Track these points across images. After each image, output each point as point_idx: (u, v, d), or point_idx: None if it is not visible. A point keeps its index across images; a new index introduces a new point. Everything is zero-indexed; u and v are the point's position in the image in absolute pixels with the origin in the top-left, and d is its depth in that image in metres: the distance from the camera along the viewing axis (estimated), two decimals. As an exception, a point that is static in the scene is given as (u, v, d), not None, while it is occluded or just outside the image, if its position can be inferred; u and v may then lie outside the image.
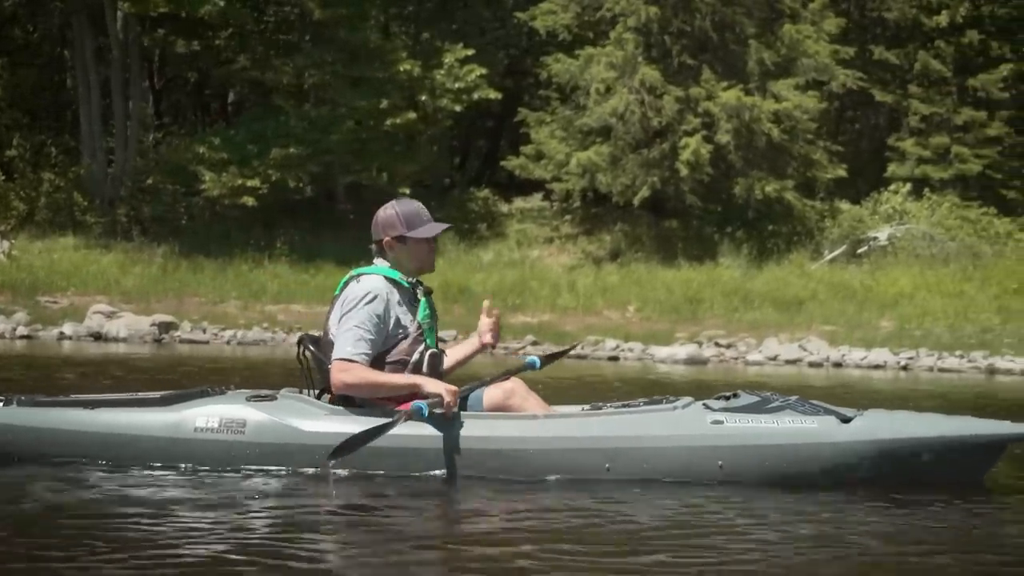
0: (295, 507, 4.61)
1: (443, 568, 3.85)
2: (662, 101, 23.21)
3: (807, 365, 17.54)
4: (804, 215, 24.19)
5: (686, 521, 4.52)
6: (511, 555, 3.95)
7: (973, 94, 26.77)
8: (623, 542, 4.16)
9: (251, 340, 18.37)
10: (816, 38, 24.96)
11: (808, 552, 4.14)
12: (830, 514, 4.76)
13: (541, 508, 4.74)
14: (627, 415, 5.25)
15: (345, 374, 5.03)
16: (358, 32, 23.43)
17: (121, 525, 4.18)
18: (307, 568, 3.71)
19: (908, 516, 4.79)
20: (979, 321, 20.19)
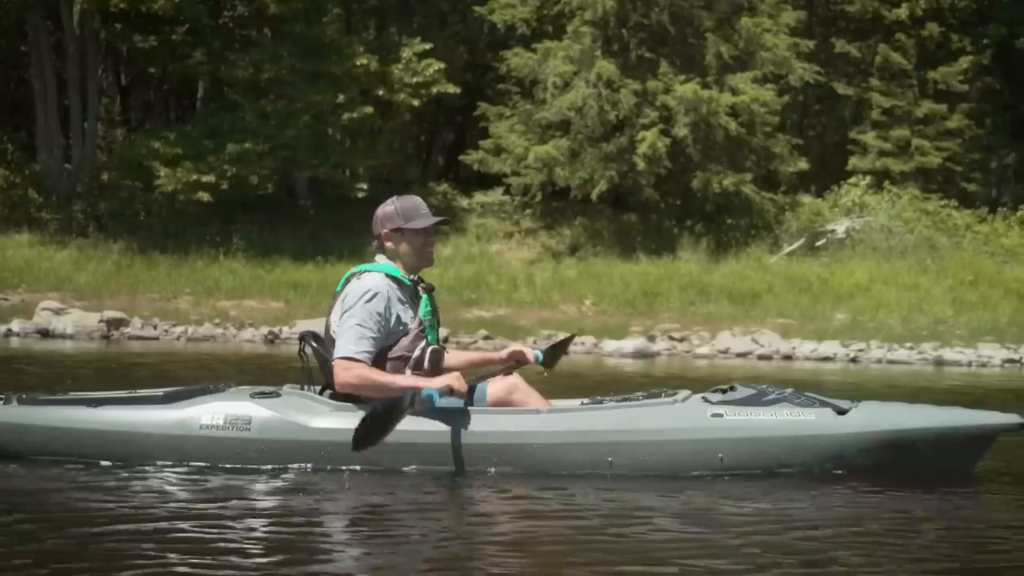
0: (300, 504, 4.61)
1: (446, 563, 3.83)
2: (619, 95, 23.17)
3: (756, 358, 17.54)
4: (763, 208, 24.20)
5: (685, 513, 4.57)
6: (515, 551, 3.96)
7: (934, 87, 26.84)
8: (628, 537, 4.18)
9: (201, 336, 18.27)
10: (776, 31, 24.98)
11: (806, 541, 4.19)
12: (825, 503, 4.85)
13: (544, 502, 4.76)
14: (628, 409, 5.30)
15: (347, 373, 5.07)
16: (315, 26, 23.31)
17: (125, 523, 4.18)
18: (313, 564, 3.71)
19: (901, 505, 4.86)
20: (932, 313, 20.25)
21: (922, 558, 4.02)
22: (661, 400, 5.35)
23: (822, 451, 5.20)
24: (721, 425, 5.19)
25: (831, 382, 13.12)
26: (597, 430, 5.18)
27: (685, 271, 22.60)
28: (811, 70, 24.64)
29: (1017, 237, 24.90)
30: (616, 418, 5.24)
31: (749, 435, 5.18)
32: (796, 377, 13.64)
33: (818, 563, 3.90)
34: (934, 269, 22.45)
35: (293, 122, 22.81)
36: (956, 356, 17.43)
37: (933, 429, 5.29)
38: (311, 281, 21.37)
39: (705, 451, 5.17)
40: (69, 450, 5.20)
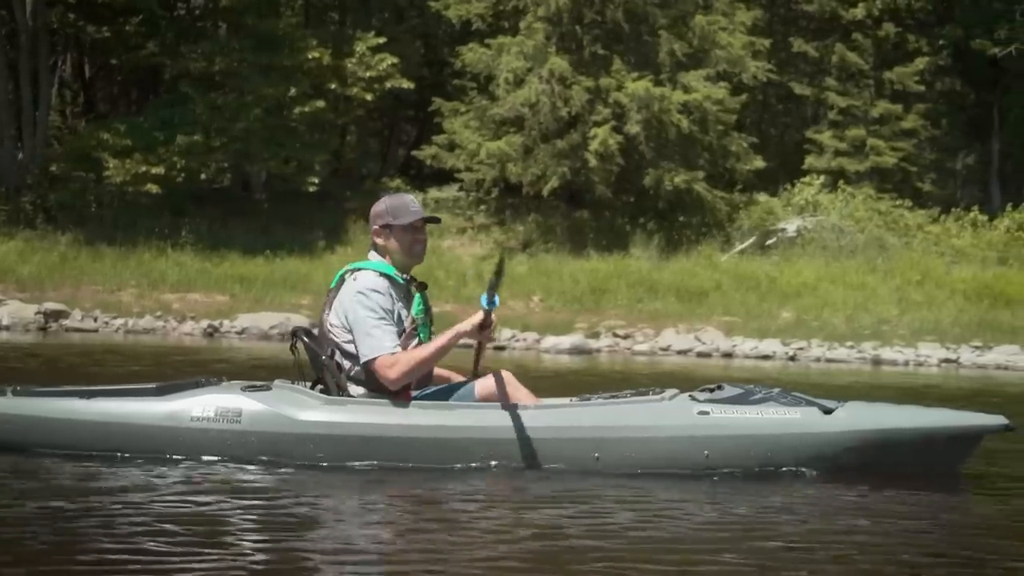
0: (289, 497, 4.64)
1: (433, 558, 3.83)
2: (571, 91, 23.15)
3: (696, 355, 17.56)
4: (714, 207, 24.21)
5: (670, 512, 4.59)
6: (502, 546, 3.97)
7: (890, 87, 26.90)
8: (614, 534, 4.20)
9: (142, 328, 18.21)
10: (732, 30, 25.01)
11: (790, 540, 4.20)
12: (811, 503, 4.87)
13: (532, 498, 4.80)
14: (616, 406, 5.35)
15: (394, 369, 5.13)
16: (268, 19, 23.21)
17: (117, 514, 4.20)
18: (300, 557, 3.73)
19: (886, 505, 4.89)
20: (877, 313, 20.29)
21: (905, 558, 4.03)
22: (648, 398, 5.40)
23: (807, 450, 5.25)
24: (707, 423, 5.24)
25: (784, 380, 13.13)
26: (584, 426, 5.25)
27: (635, 268, 22.60)
28: (763, 68, 24.65)
29: (970, 238, 25.00)
30: (603, 415, 5.30)
31: (735, 433, 5.23)
32: (735, 374, 13.70)
33: (800, 562, 3.91)
34: (883, 269, 22.50)
35: (244, 115, 22.72)
36: (894, 356, 17.49)
37: (919, 429, 5.33)
38: (258, 275, 21.29)
39: (691, 448, 5.21)
40: (63, 442, 5.27)
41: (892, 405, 5.81)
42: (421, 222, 5.40)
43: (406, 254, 5.36)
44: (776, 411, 5.29)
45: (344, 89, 23.71)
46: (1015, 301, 20.92)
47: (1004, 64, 27.30)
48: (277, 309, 19.17)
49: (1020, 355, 17.49)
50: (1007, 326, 19.21)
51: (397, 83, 24.32)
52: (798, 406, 5.32)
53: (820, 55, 27.66)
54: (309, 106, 23.01)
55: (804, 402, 5.36)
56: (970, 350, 17.84)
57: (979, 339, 18.47)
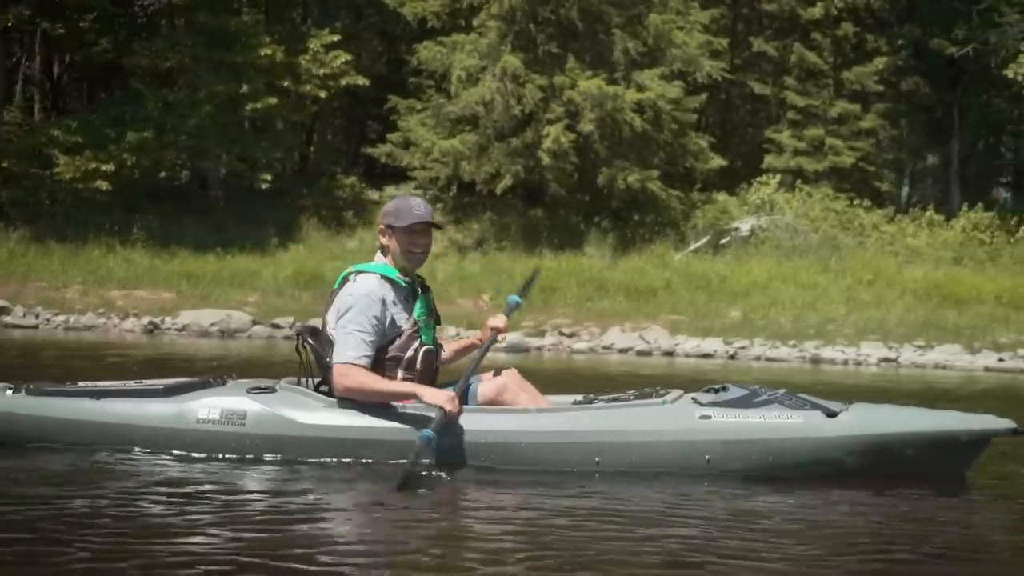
0: (291, 498, 4.69)
1: (435, 560, 3.85)
2: (524, 89, 23.11)
3: (636, 353, 17.54)
4: (669, 206, 24.19)
5: (671, 515, 4.58)
6: (504, 549, 4.00)
7: (849, 87, 26.91)
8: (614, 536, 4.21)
9: (83, 325, 18.14)
10: (690, 29, 25.00)
11: (792, 545, 4.17)
12: (815, 508, 4.84)
13: (534, 501, 4.82)
14: (617, 409, 5.34)
15: (346, 379, 5.18)
16: (220, 16, 23.14)
17: (123, 514, 4.26)
18: (304, 560, 3.74)
19: (892, 509, 4.86)
20: (825, 312, 20.28)
21: (909, 562, 4.02)
22: (650, 401, 5.38)
23: (810, 454, 5.20)
24: (708, 427, 5.21)
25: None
26: (585, 430, 5.23)
27: (587, 267, 22.57)
28: (718, 67, 24.64)
29: (926, 238, 25.03)
30: (604, 418, 5.28)
31: (736, 437, 5.19)
32: (678, 372, 13.71)
33: (803, 566, 3.89)
34: (835, 268, 22.51)
35: (196, 112, 22.64)
36: (834, 354, 17.47)
37: (924, 433, 5.28)
38: (207, 272, 21.22)
39: (691, 452, 5.19)
40: (72, 440, 5.36)
41: (898, 408, 5.78)
42: (421, 226, 5.40)
43: (405, 256, 5.39)
44: (780, 414, 5.24)
45: (298, 86, 23.63)
46: (963, 301, 20.94)
47: (962, 64, 27.34)
48: (223, 306, 19.10)
49: (960, 354, 17.49)
50: (952, 326, 19.21)
51: (352, 80, 24.26)
52: (802, 409, 5.27)
53: (780, 55, 27.67)
54: (262, 103, 22.93)
55: (809, 405, 5.31)
56: (912, 349, 17.83)
57: (923, 338, 18.45)
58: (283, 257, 22.50)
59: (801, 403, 5.32)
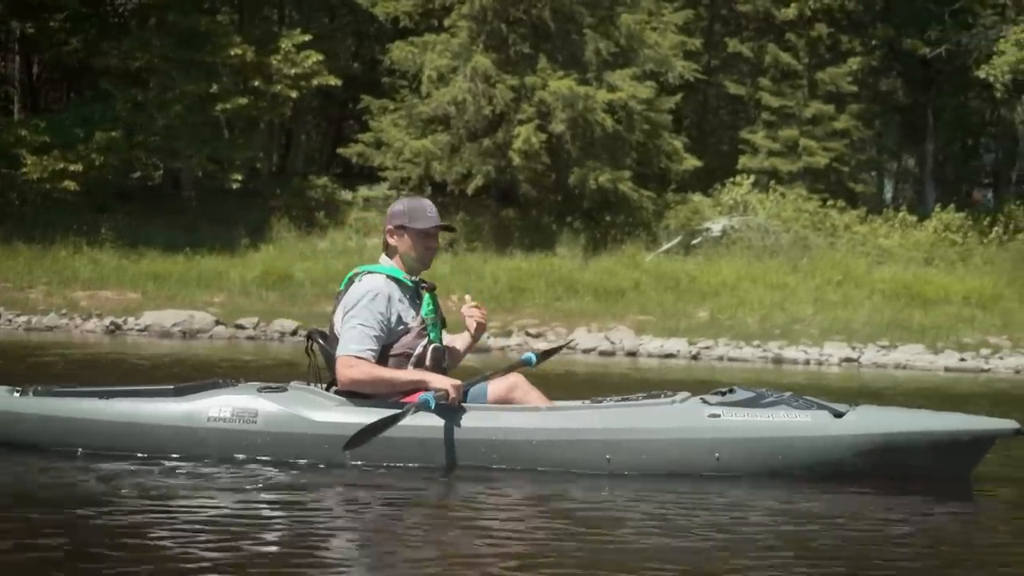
0: (304, 497, 4.72)
1: (445, 559, 3.85)
2: (495, 90, 23.07)
3: (599, 354, 17.52)
4: (640, 206, 24.15)
5: (681, 514, 4.62)
6: (514, 548, 4.00)
7: (823, 88, 26.88)
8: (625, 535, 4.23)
9: (44, 326, 18.09)
10: (664, 30, 24.97)
11: (797, 545, 4.18)
12: (821, 506, 4.88)
13: (545, 499, 4.86)
14: (627, 408, 5.38)
15: (351, 370, 5.22)
16: (191, 15, 23.09)
17: (135, 512, 4.27)
18: (314, 557, 3.76)
19: (897, 509, 4.90)
20: (793, 312, 20.27)
21: (913, 562, 4.02)
22: (660, 400, 5.43)
23: (817, 454, 5.24)
24: (718, 426, 5.26)
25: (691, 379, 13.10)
26: (596, 428, 5.28)
27: (558, 267, 22.53)
28: (690, 68, 24.61)
29: (898, 238, 25.01)
30: (614, 417, 5.32)
31: (745, 436, 5.23)
32: (641, 372, 13.72)
33: (806, 565, 3.89)
34: (804, 269, 22.48)
35: (165, 112, 22.59)
36: (796, 354, 17.48)
37: (930, 433, 5.32)
38: (174, 272, 21.15)
39: (702, 451, 5.23)
40: (82, 441, 5.37)
41: (903, 409, 5.83)
42: (435, 229, 5.47)
43: (417, 258, 5.43)
44: (787, 414, 5.28)
45: (269, 86, 23.58)
46: (931, 301, 20.93)
47: (936, 65, 27.34)
48: (188, 307, 19.05)
49: (923, 354, 17.50)
50: (916, 326, 19.20)
51: (325, 81, 24.22)
52: (809, 409, 5.32)
53: (755, 55, 27.64)
54: (232, 103, 22.88)
55: (815, 405, 5.36)
56: (875, 349, 17.83)
57: (887, 338, 18.46)
58: (253, 258, 22.44)
59: (808, 404, 5.38)
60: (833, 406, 5.36)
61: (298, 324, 18.44)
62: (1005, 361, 17.23)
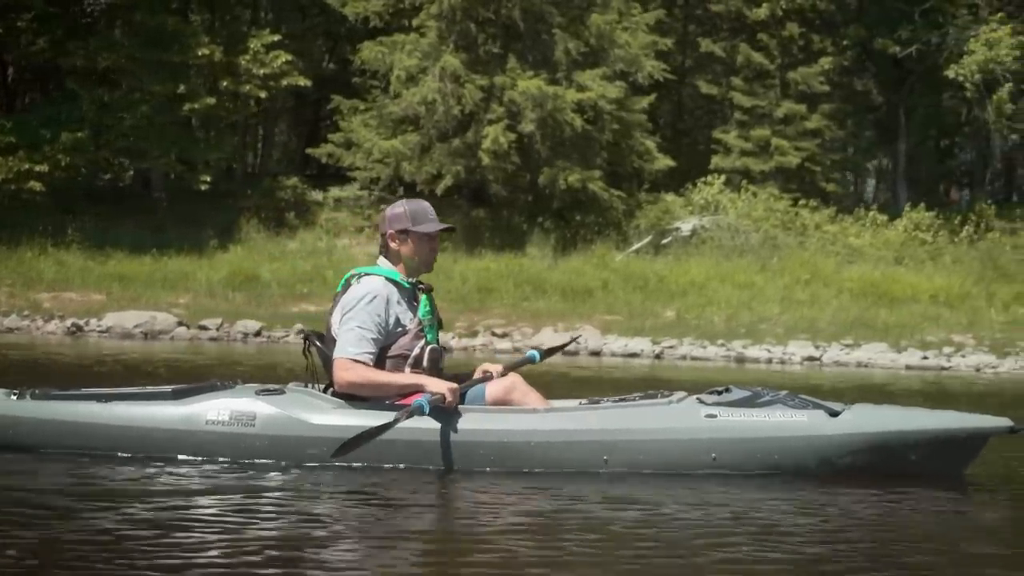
0: (301, 499, 4.73)
1: (445, 561, 3.86)
2: (464, 90, 23.03)
3: (561, 354, 17.43)
4: (611, 206, 24.13)
5: (678, 513, 4.66)
6: (512, 550, 3.99)
7: (795, 88, 26.89)
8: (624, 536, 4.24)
9: (6, 327, 18.00)
10: (635, 29, 24.95)
11: (793, 544, 4.18)
12: (817, 505, 4.90)
13: (544, 500, 4.85)
14: (624, 409, 5.40)
15: (348, 373, 5.20)
16: (158, 16, 23.01)
17: (131, 516, 4.29)
18: (312, 560, 3.78)
19: (892, 507, 4.92)
20: (760, 311, 20.27)
21: (908, 560, 4.02)
22: (656, 401, 5.45)
23: (814, 452, 5.28)
24: (714, 425, 5.29)
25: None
26: (593, 429, 5.29)
27: (527, 267, 22.50)
28: (659, 68, 24.59)
29: (869, 237, 25.03)
30: (612, 418, 5.34)
31: (742, 436, 5.27)
32: (605, 371, 13.72)
33: (802, 564, 3.90)
34: (774, 268, 22.48)
35: (132, 112, 22.50)
36: (759, 353, 17.46)
37: (924, 432, 5.36)
38: (140, 273, 21.08)
39: (698, 451, 5.27)
40: (80, 444, 5.35)
41: (898, 408, 5.87)
42: (440, 232, 5.49)
43: (419, 261, 5.43)
44: (783, 414, 5.32)
45: (238, 86, 23.51)
46: (898, 300, 20.96)
47: (908, 65, 27.38)
48: (153, 308, 18.97)
49: (886, 352, 17.50)
50: (881, 324, 19.22)
51: (294, 81, 24.16)
52: (805, 409, 5.36)
53: (727, 55, 27.65)
54: (200, 103, 22.81)
55: (811, 405, 5.39)
56: (839, 348, 17.83)
57: (851, 337, 18.47)
58: (221, 259, 22.36)
59: (804, 403, 5.42)
60: (829, 405, 5.41)
61: (262, 325, 18.40)
62: (967, 359, 17.24)
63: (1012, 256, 24.39)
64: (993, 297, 21.65)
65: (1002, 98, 26.11)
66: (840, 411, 5.35)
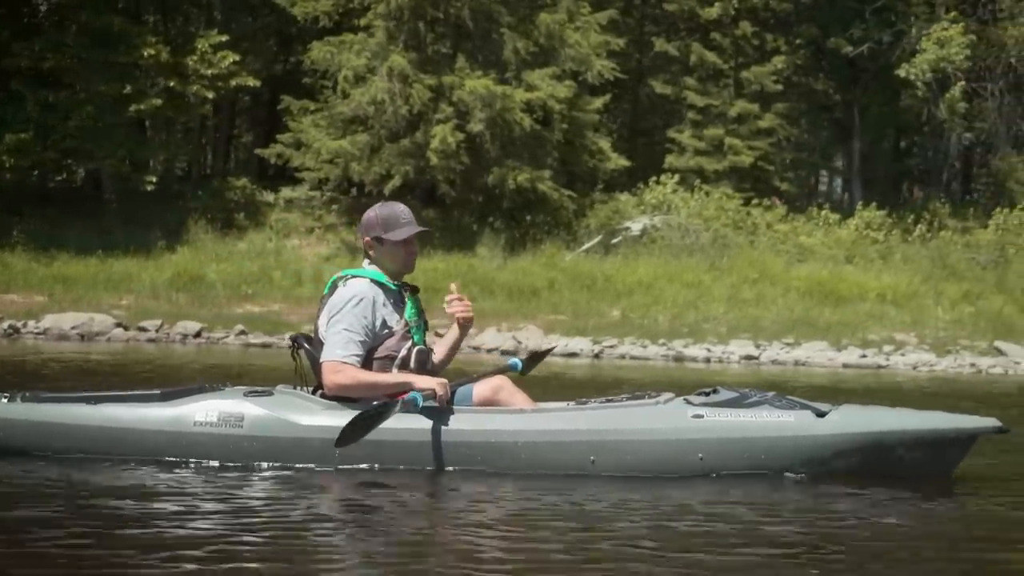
0: (289, 500, 4.74)
1: (429, 561, 3.86)
2: (412, 90, 22.96)
3: (500, 353, 17.42)
4: (561, 206, 24.09)
5: (665, 513, 4.66)
6: (501, 548, 4.02)
7: (748, 87, 26.91)
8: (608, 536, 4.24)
9: (-65, 329, 17.85)
10: (587, 29, 24.91)
11: (781, 543, 4.19)
12: (804, 506, 4.91)
13: (530, 501, 4.87)
14: (611, 410, 5.41)
15: (336, 375, 5.24)
16: (104, 16, 22.87)
17: (121, 517, 4.30)
18: (299, 561, 3.77)
19: (880, 507, 4.92)
20: (705, 310, 20.26)
21: (897, 561, 4.02)
22: (643, 402, 5.46)
23: (801, 453, 5.28)
24: (701, 426, 5.29)
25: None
26: (580, 430, 5.31)
27: (476, 267, 22.43)
28: (608, 67, 24.55)
29: (822, 236, 25.07)
30: (598, 418, 5.35)
31: (729, 436, 5.27)
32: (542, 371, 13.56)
33: (790, 566, 3.89)
34: (722, 267, 22.47)
35: (77, 113, 22.36)
36: (698, 352, 17.45)
37: (912, 432, 5.36)
38: (84, 275, 20.93)
39: (685, 451, 5.27)
40: (69, 446, 5.40)
41: (886, 408, 5.88)
42: (412, 238, 5.50)
43: (398, 266, 5.48)
44: (770, 414, 5.31)
45: (185, 87, 23.38)
46: (845, 299, 20.99)
47: (861, 64, 27.44)
48: (95, 309, 18.83)
49: (825, 351, 17.53)
50: (823, 323, 19.25)
51: (243, 81, 24.05)
52: (792, 409, 5.36)
53: (681, 55, 27.65)
54: (146, 104, 22.68)
55: (798, 405, 5.39)
56: (780, 347, 17.84)
57: (793, 336, 18.48)
58: (167, 260, 22.23)
59: (791, 404, 5.41)
60: (816, 405, 5.41)
61: (202, 326, 18.29)
62: (906, 357, 17.28)
63: (963, 255, 24.49)
64: (941, 296, 21.71)
65: (954, 97, 26.21)
66: (827, 412, 5.36)
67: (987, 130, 29.30)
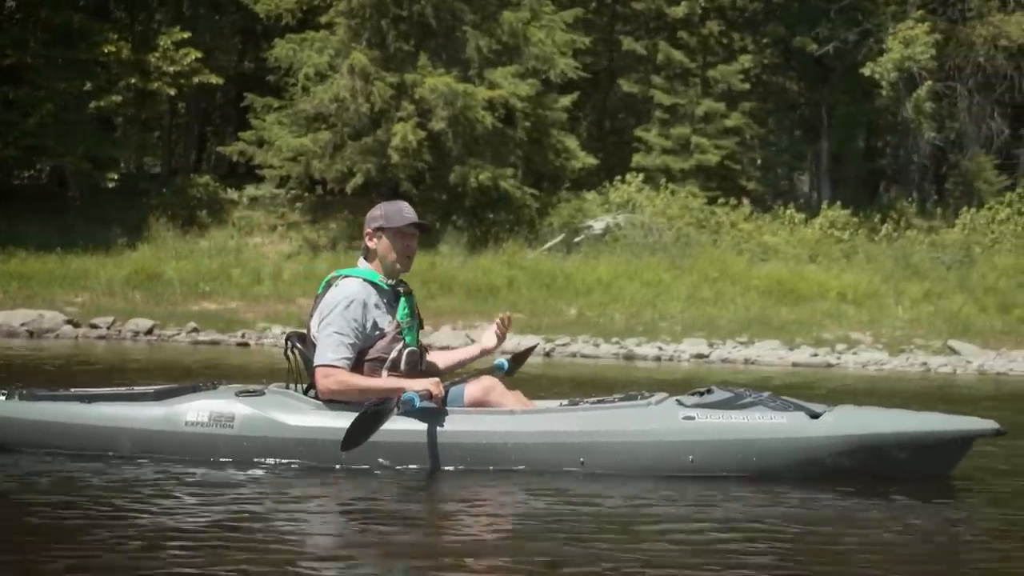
0: (279, 500, 4.77)
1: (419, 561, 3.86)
2: (373, 87, 22.90)
3: (450, 352, 17.37)
4: (523, 204, 24.04)
5: (655, 515, 4.64)
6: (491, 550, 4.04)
7: (715, 86, 26.88)
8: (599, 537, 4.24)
9: None
10: (552, 27, 24.86)
11: (774, 544, 4.17)
12: (796, 507, 4.85)
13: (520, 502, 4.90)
14: (602, 411, 5.41)
15: (329, 380, 5.28)
16: (63, 12, 22.79)
17: (113, 515, 4.31)
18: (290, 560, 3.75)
19: (876, 510, 4.88)
20: (663, 309, 20.23)
21: (892, 562, 3.99)
22: (635, 402, 5.45)
23: (794, 455, 5.25)
24: (692, 428, 5.26)
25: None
26: (570, 431, 5.30)
27: (437, 265, 22.36)
28: (571, 66, 24.50)
29: (787, 235, 25.04)
30: (589, 419, 5.34)
31: (720, 438, 5.24)
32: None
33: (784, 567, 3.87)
34: (683, 266, 22.43)
35: (36, 110, 22.28)
36: (649, 351, 17.41)
37: (907, 434, 5.32)
38: (41, 272, 20.84)
39: (676, 453, 5.24)
40: (63, 444, 5.45)
41: (881, 409, 5.82)
42: (412, 228, 5.51)
43: (396, 258, 5.47)
44: (763, 416, 5.27)
45: (147, 84, 23.30)
46: (804, 297, 20.98)
47: (828, 63, 27.42)
48: (48, 307, 18.75)
49: (777, 350, 17.51)
50: (778, 322, 19.23)
51: (206, 79, 23.98)
52: (786, 411, 5.31)
53: (648, 53, 27.61)
54: (106, 101, 22.59)
55: (792, 406, 5.35)
56: (732, 345, 17.81)
57: (747, 334, 18.45)
58: (127, 257, 22.15)
59: (785, 405, 5.37)
60: (810, 407, 5.37)
61: (154, 323, 18.23)
62: (857, 356, 17.26)
63: (927, 254, 24.46)
64: (901, 295, 21.70)
65: (920, 96, 26.20)
66: (821, 413, 5.32)
67: (957, 130, 29.27)
